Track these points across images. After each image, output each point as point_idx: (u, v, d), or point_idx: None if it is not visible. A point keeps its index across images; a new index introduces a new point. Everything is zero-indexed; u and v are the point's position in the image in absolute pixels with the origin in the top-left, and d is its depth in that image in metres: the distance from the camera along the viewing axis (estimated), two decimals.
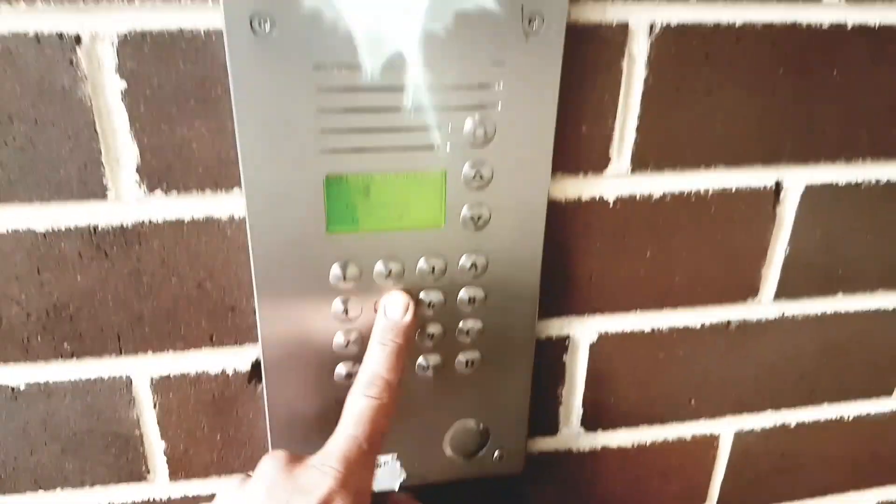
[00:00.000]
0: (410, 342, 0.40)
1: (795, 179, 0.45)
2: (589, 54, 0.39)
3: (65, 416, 0.42)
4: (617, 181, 0.42)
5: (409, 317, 0.40)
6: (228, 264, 0.40)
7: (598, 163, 0.42)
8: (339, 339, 0.42)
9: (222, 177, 0.38)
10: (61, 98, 0.34)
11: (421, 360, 0.43)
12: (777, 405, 0.54)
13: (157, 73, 0.35)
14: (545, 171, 0.40)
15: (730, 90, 0.42)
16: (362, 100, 0.36)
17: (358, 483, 0.34)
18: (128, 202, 0.37)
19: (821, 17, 0.41)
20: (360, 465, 0.35)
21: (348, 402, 0.37)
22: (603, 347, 0.47)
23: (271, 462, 0.35)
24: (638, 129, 0.41)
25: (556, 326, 0.46)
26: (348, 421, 0.36)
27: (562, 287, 0.45)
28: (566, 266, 0.44)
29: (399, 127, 0.37)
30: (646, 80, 0.40)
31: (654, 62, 0.40)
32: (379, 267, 0.40)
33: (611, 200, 0.43)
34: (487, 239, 0.41)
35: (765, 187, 0.45)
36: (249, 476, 0.35)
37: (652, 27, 0.39)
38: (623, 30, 0.39)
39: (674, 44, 0.40)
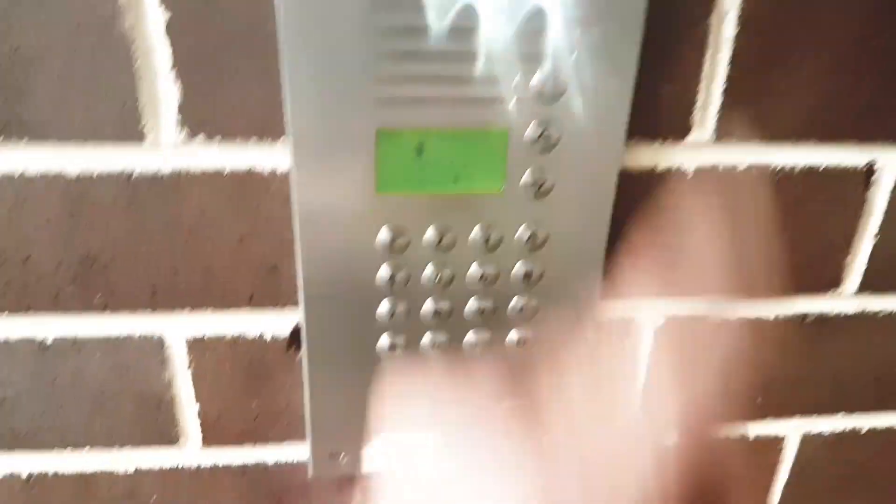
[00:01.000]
0: None
1: (891, 162, 0.41)
2: (674, 8, 0.35)
3: (94, 373, 0.40)
4: (698, 151, 0.38)
5: None
6: (271, 221, 0.37)
7: (678, 129, 0.38)
8: (382, 309, 0.39)
9: (268, 125, 0.35)
10: (100, 30, 0.32)
11: (470, 335, 0.40)
12: (849, 408, 0.49)
13: (203, 7, 0.32)
14: (619, 134, 0.36)
15: (827, 58, 0.37)
16: (423, 44, 0.33)
17: None
18: (166, 148, 0.35)
19: None
20: None
21: None
22: (668, 334, 0.44)
23: None
24: (724, 94, 0.37)
25: (620, 309, 0.43)
26: None
27: (628, 266, 0.41)
28: (634, 241, 0.40)
29: (461, 76, 0.33)
30: (735, 39, 0.36)
31: (745, 20, 0.36)
32: (429, 234, 0.37)
33: (690, 171, 0.39)
34: (549, 209, 0.37)
35: (856, 168, 0.41)
36: None
37: None
38: None
39: (768, 1, 0.35)
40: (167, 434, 0.42)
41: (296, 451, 0.44)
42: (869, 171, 0.41)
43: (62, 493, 0.43)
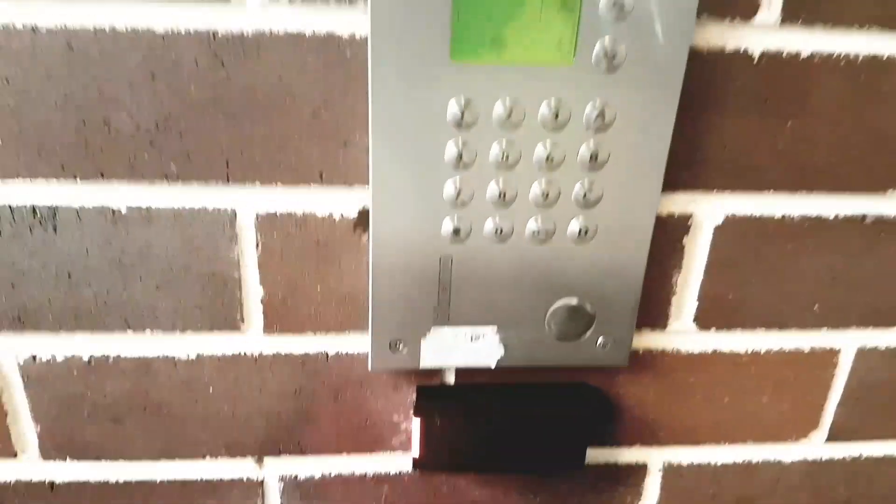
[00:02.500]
0: None
1: None
2: None
3: (163, 247, 0.40)
4: (765, 33, 0.39)
5: None
6: (346, 91, 0.38)
7: (747, 7, 0.38)
8: (449, 190, 0.39)
9: None
10: None
11: (531, 223, 0.40)
12: None
13: None
14: (691, 4, 0.37)
15: None
16: None
17: None
18: (251, 7, 0.35)
19: None
20: None
21: None
22: (728, 232, 0.44)
23: None
24: None
25: (680, 202, 0.43)
26: None
27: (691, 154, 0.41)
28: (699, 129, 0.41)
29: None
30: None
31: None
32: (498, 109, 0.38)
33: (756, 55, 0.39)
34: (618, 84, 0.38)
35: None
36: None
37: None
38: None
39: None
40: (231, 318, 0.42)
41: (356, 343, 0.44)
42: None
43: (122, 377, 0.43)
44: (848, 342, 0.49)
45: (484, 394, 0.47)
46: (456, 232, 0.40)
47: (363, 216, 0.41)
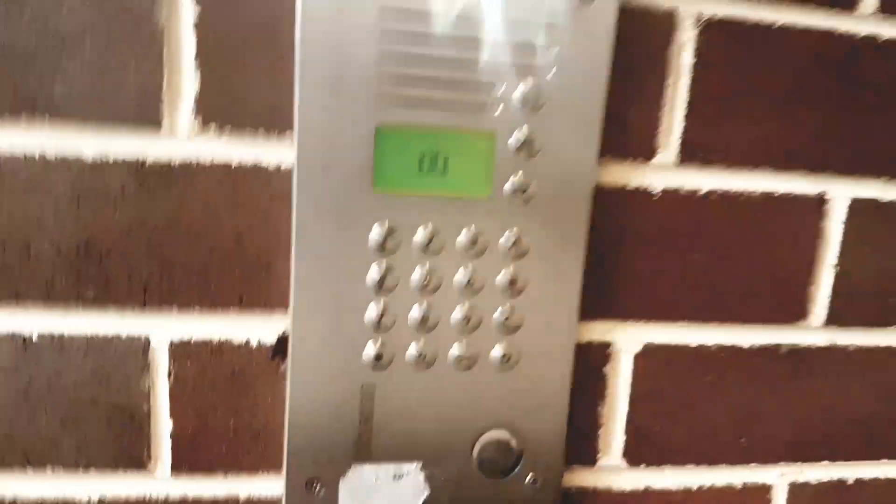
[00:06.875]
0: None
1: (841, 192, 0.45)
2: (638, 39, 0.40)
3: (72, 378, 0.38)
4: (663, 173, 0.42)
5: None
6: (269, 218, 0.39)
7: (645, 150, 0.42)
8: (371, 313, 0.39)
9: (276, 120, 0.38)
10: (136, 20, 0.35)
11: (454, 348, 0.41)
12: (834, 455, 0.49)
13: (228, 3, 0.36)
14: (592, 147, 0.40)
15: (777, 93, 0.43)
16: (423, 48, 0.37)
17: None
18: (180, 137, 0.37)
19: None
20: None
21: None
22: (649, 361, 0.45)
23: None
24: (686, 117, 0.42)
25: (598, 330, 0.44)
26: None
27: (605, 285, 0.43)
28: (610, 260, 0.43)
29: (456, 81, 0.38)
30: (694, 67, 0.41)
31: (701, 52, 0.41)
32: (419, 235, 0.39)
33: (656, 192, 0.42)
34: (532, 216, 0.40)
35: (807, 196, 0.44)
36: None
37: (699, 18, 0.41)
38: (671, 18, 0.41)
39: (720, 36, 0.41)
40: (137, 456, 0.40)
41: (269, 486, 0.41)
42: (821, 201, 0.45)
43: None
44: (778, 478, 0.48)
45: None
46: (378, 357, 0.40)
47: (282, 343, 0.40)
